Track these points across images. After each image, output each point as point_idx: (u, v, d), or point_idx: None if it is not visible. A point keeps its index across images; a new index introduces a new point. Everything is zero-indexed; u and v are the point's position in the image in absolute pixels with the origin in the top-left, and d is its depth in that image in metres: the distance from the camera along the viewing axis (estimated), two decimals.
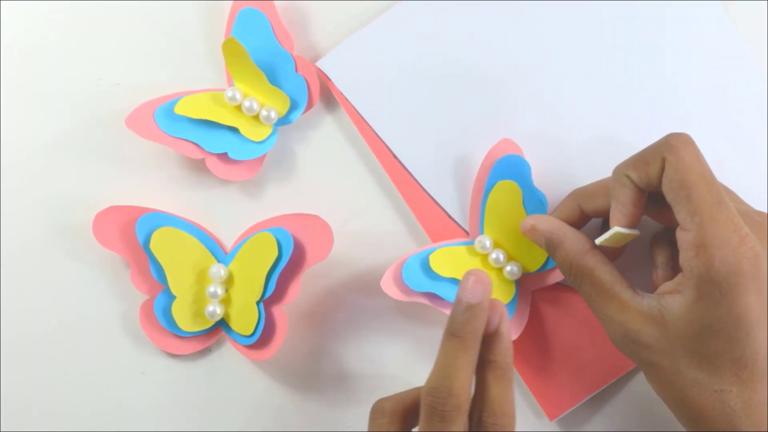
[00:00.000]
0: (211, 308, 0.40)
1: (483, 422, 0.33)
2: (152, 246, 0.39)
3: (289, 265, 0.39)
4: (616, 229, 0.34)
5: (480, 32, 0.42)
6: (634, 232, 0.35)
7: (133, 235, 0.40)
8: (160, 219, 0.40)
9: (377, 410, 0.35)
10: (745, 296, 0.31)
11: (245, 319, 0.39)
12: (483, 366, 0.34)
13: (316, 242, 0.39)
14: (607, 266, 0.35)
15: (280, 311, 0.39)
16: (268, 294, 0.39)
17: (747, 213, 0.35)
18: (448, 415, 0.32)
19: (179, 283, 0.40)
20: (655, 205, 0.36)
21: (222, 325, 0.41)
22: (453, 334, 0.33)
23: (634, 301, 0.34)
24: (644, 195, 0.35)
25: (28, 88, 0.42)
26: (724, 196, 0.32)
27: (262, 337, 0.39)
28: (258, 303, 0.39)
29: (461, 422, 0.32)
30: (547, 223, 0.37)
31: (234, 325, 0.40)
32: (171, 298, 0.40)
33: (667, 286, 0.34)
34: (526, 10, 0.41)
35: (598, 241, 0.35)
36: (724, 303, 0.31)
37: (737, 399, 0.32)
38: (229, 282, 0.40)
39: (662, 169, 0.33)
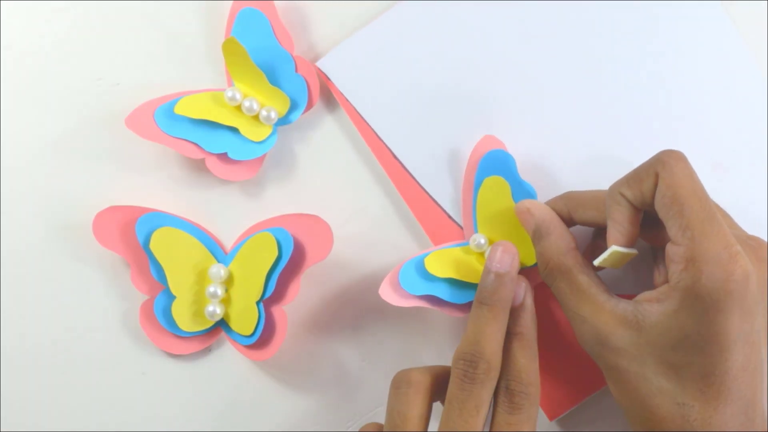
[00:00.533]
0: (211, 308, 0.40)
1: (510, 390, 0.34)
2: (152, 246, 0.39)
3: (289, 265, 0.39)
4: (613, 248, 0.34)
5: (480, 32, 0.42)
6: (632, 251, 0.35)
7: (133, 235, 0.40)
8: (160, 219, 0.40)
9: (403, 380, 0.35)
10: (728, 314, 0.31)
11: (245, 319, 0.39)
12: (510, 338, 0.35)
13: (316, 242, 0.39)
14: (586, 268, 0.35)
15: (280, 311, 0.39)
16: (268, 294, 0.39)
17: (740, 237, 0.35)
18: (478, 378, 0.33)
19: (179, 283, 0.40)
20: (647, 226, 0.36)
21: (222, 325, 0.41)
22: (482, 302, 0.35)
23: (609, 303, 0.34)
24: (640, 213, 0.35)
25: (28, 88, 0.42)
26: (716, 212, 0.32)
27: (262, 337, 0.39)
28: (258, 303, 0.39)
29: (491, 386, 0.34)
30: (541, 211, 0.37)
31: (234, 325, 0.40)
32: (171, 298, 0.40)
33: (649, 294, 0.34)
34: (526, 11, 0.41)
35: (596, 262, 0.35)
36: (704, 318, 0.31)
37: (698, 415, 0.32)
38: (229, 282, 0.40)
39: (655, 185, 0.33)
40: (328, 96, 0.42)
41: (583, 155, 0.41)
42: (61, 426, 0.42)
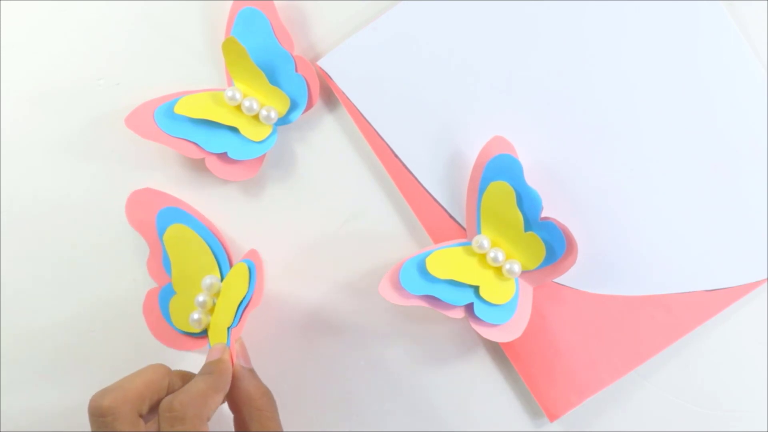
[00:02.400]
0: (195, 315, 0.40)
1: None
2: (165, 239, 0.40)
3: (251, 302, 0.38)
4: None
5: (481, 31, 0.41)
6: None
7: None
8: (179, 215, 0.40)
9: (95, 409, 0.32)
10: None
11: (219, 340, 0.39)
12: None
13: (258, 288, 0.38)
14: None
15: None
16: (234, 324, 0.38)
17: None
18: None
19: (181, 281, 0.40)
20: None
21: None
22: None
23: None
24: None
25: (29, 88, 0.42)
26: None
27: None
28: (228, 329, 0.38)
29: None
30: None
31: (212, 341, 0.40)
32: (173, 292, 0.40)
33: None
34: (527, 9, 0.41)
35: None
36: None
37: None
38: (219, 295, 0.40)
39: None
40: (328, 96, 0.42)
41: (583, 155, 0.41)
42: (60, 426, 0.42)
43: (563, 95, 0.41)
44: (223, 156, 0.41)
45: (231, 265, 0.41)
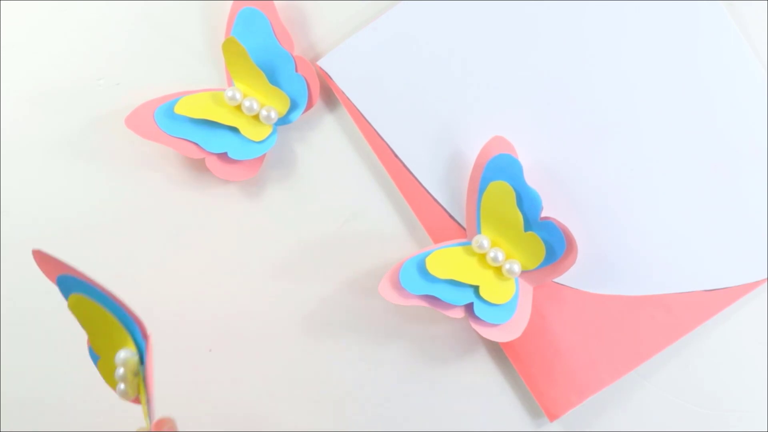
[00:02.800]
0: (122, 387, 0.36)
1: None
2: (70, 307, 0.36)
3: None
4: None
5: (481, 31, 0.41)
6: None
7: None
8: (76, 285, 0.36)
9: None
10: None
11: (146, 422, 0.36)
12: None
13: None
14: None
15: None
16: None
17: None
18: None
19: (98, 348, 0.37)
20: None
21: None
22: None
23: None
24: None
25: (28, 88, 0.42)
26: None
27: None
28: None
29: None
30: None
31: (144, 416, 0.36)
32: (96, 356, 0.37)
33: None
34: (527, 9, 0.41)
35: None
36: None
37: None
38: (138, 374, 0.36)
39: None
40: (329, 96, 0.42)
41: (583, 155, 0.41)
42: (60, 426, 0.42)
43: (563, 95, 0.41)
44: (223, 156, 0.41)
45: (144, 335, 0.35)
